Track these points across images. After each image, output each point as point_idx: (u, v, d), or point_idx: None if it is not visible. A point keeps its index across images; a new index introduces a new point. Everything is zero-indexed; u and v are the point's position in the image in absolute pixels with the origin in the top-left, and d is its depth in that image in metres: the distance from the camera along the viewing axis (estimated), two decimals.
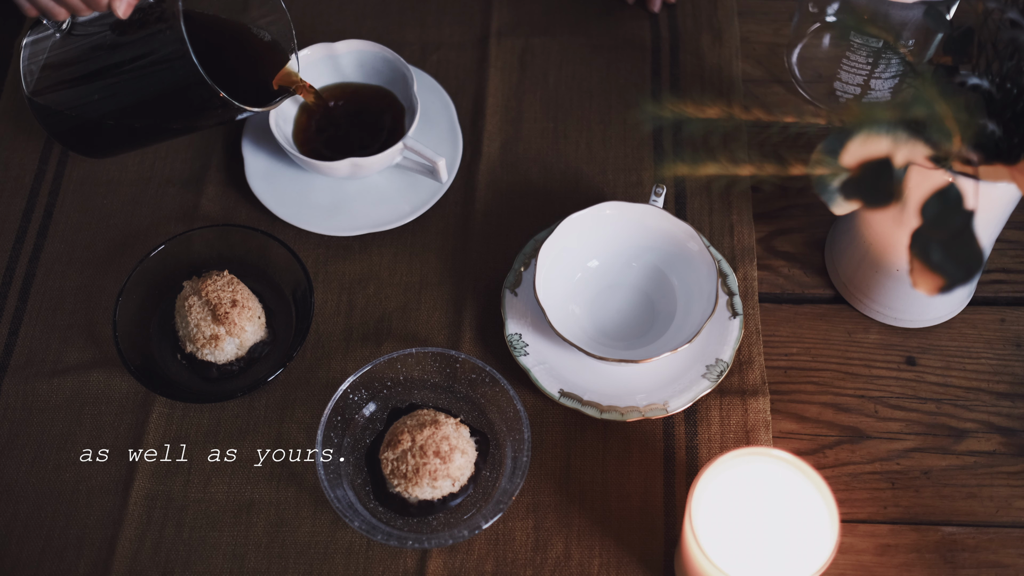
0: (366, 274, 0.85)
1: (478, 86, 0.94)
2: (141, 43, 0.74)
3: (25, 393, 0.81)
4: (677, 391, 0.77)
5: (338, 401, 0.75)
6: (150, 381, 0.77)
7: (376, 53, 0.88)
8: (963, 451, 0.77)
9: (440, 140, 0.89)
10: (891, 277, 0.77)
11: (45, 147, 0.93)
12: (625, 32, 0.97)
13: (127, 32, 0.75)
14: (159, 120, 0.80)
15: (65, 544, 0.75)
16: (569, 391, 0.77)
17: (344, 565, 0.74)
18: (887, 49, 0.69)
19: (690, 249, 0.79)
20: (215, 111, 0.76)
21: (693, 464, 0.77)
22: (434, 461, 0.72)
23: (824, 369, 0.80)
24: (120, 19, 0.74)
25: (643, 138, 0.91)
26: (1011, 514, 0.74)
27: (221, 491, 0.77)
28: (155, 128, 0.81)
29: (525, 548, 0.74)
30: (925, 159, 0.60)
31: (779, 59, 0.95)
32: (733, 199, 0.87)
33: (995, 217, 0.72)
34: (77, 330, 0.84)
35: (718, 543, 0.62)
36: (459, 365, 0.77)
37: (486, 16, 0.99)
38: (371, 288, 0.85)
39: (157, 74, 0.75)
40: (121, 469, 0.78)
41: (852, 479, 0.76)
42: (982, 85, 0.65)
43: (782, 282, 0.84)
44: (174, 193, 0.90)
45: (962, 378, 0.80)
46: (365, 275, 0.85)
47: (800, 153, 0.59)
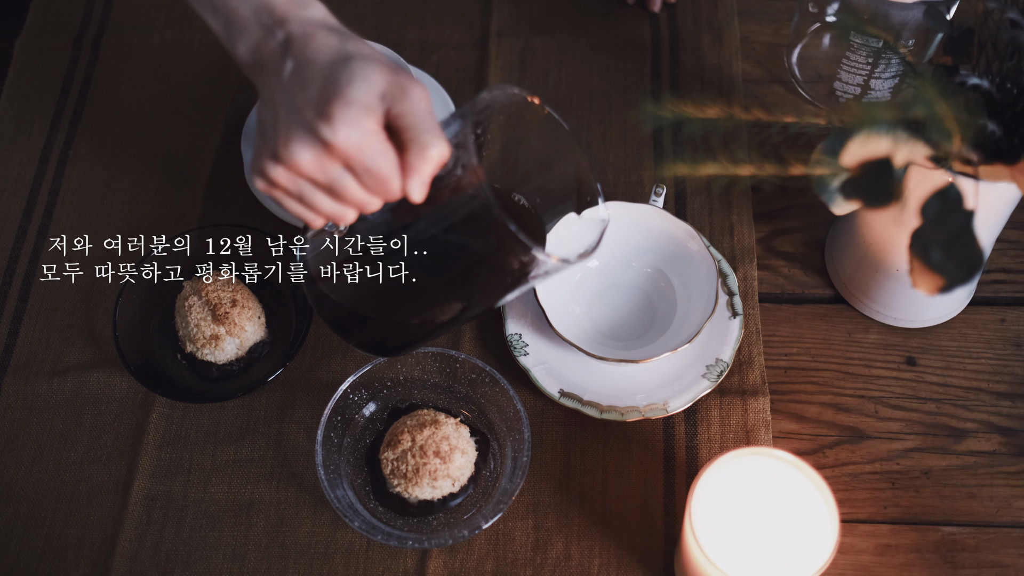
0: None
1: (478, 86, 0.94)
2: (442, 217, 0.60)
3: (25, 393, 0.81)
4: (677, 391, 0.77)
5: (338, 401, 0.75)
6: (150, 381, 0.77)
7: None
8: (963, 451, 0.77)
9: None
10: (891, 277, 0.77)
11: (45, 147, 0.93)
12: (625, 32, 0.97)
13: (411, 210, 0.60)
14: (466, 301, 0.65)
15: (65, 544, 0.75)
16: (569, 391, 0.77)
17: (344, 565, 0.74)
18: (887, 49, 0.69)
19: (690, 249, 0.79)
20: (517, 274, 0.61)
21: (693, 464, 0.77)
22: (434, 461, 0.72)
23: (824, 369, 0.80)
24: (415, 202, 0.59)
25: (643, 138, 0.91)
26: (1011, 514, 0.74)
27: (221, 491, 0.77)
28: (460, 315, 0.66)
29: (525, 548, 0.74)
30: (925, 159, 0.60)
31: (779, 59, 0.95)
32: (733, 199, 0.87)
33: (995, 217, 0.72)
34: (77, 330, 0.84)
35: (718, 543, 0.62)
36: (459, 365, 0.77)
37: (486, 16, 0.99)
38: None
39: (463, 246, 0.61)
40: (121, 469, 0.78)
41: (852, 479, 0.76)
42: (982, 85, 0.65)
43: (782, 282, 0.84)
44: (174, 193, 0.90)
45: (962, 378, 0.80)
46: None
47: (800, 153, 0.59)
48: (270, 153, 0.57)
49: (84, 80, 0.97)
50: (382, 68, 0.56)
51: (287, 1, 0.60)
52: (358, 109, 0.55)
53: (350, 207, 0.59)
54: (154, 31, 0.99)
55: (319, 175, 0.56)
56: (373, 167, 0.56)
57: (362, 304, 0.66)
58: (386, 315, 0.66)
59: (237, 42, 0.61)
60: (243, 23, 0.60)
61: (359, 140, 0.55)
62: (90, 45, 0.99)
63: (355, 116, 0.54)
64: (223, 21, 0.61)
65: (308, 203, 0.59)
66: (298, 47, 0.58)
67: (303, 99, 0.56)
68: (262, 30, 0.59)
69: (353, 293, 0.65)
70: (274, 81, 0.58)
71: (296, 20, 0.59)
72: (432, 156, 0.56)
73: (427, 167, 0.56)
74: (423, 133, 0.56)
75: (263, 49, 0.59)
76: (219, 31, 0.62)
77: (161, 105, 0.95)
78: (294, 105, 0.56)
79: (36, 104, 0.95)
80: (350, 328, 0.68)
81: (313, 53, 0.57)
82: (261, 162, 0.58)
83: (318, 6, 0.61)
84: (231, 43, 0.61)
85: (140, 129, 0.94)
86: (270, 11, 0.59)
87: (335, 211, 0.59)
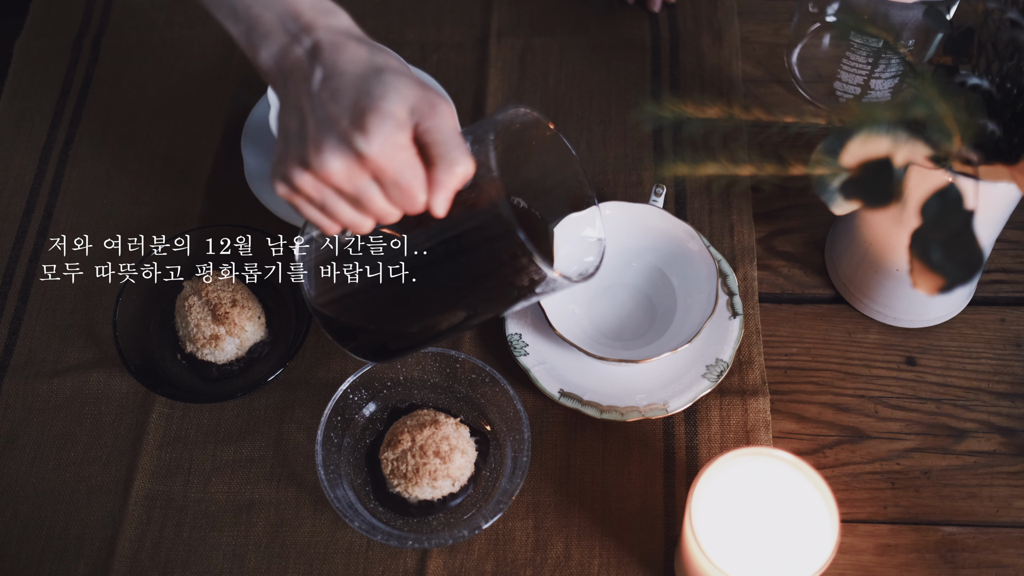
0: None
1: (478, 86, 0.94)
2: (458, 231, 0.61)
3: (25, 393, 0.81)
4: (677, 391, 0.77)
5: (338, 401, 0.75)
6: (150, 381, 0.78)
7: None
8: (963, 451, 0.77)
9: None
10: (891, 277, 0.77)
11: (45, 147, 0.93)
12: (625, 32, 0.97)
13: (421, 220, 0.61)
14: (468, 312, 0.66)
15: (65, 544, 0.75)
16: (569, 391, 0.77)
17: (344, 565, 0.74)
18: (887, 49, 0.69)
19: (690, 249, 0.79)
20: (525, 290, 0.62)
21: (693, 464, 0.77)
22: (434, 461, 0.72)
23: (824, 369, 0.80)
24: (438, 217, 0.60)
25: (643, 138, 0.91)
26: (1011, 514, 0.74)
27: (221, 491, 0.77)
28: (463, 323, 0.67)
29: (525, 548, 0.74)
30: (925, 159, 0.60)
31: (779, 59, 0.95)
32: (733, 199, 0.87)
33: (995, 217, 0.72)
34: (77, 330, 0.84)
35: (718, 543, 0.62)
36: (459, 365, 0.77)
37: (486, 16, 0.99)
38: None
39: (473, 259, 0.62)
40: (121, 469, 0.78)
41: (852, 479, 0.76)
42: (982, 85, 0.65)
43: (782, 282, 0.84)
44: (174, 193, 0.90)
45: (962, 378, 0.80)
46: None
47: (800, 153, 0.59)
48: (299, 160, 0.57)
49: (84, 80, 0.97)
50: (412, 83, 0.57)
51: (314, 8, 0.60)
52: (392, 123, 0.55)
53: (370, 217, 0.59)
54: (154, 31, 0.99)
55: (347, 185, 0.57)
56: (402, 180, 0.56)
57: (362, 310, 0.66)
58: (384, 322, 0.67)
59: (259, 48, 0.60)
60: (267, 29, 0.60)
61: (392, 153, 0.55)
62: (90, 45, 0.99)
63: (390, 130, 0.55)
64: (245, 26, 0.61)
65: (329, 211, 0.59)
66: (327, 56, 0.58)
67: (336, 109, 0.56)
68: (288, 37, 0.59)
69: (354, 299, 0.66)
70: (302, 89, 0.58)
71: (324, 28, 0.59)
72: (459, 173, 0.57)
73: (453, 183, 0.57)
74: (451, 150, 0.57)
75: (288, 56, 0.59)
76: (239, 36, 0.62)
77: (161, 105, 0.95)
78: (326, 115, 0.56)
79: (36, 104, 0.95)
80: (347, 333, 0.68)
81: (344, 64, 0.57)
82: (287, 168, 0.58)
83: (343, 15, 0.61)
84: (252, 49, 0.61)
85: (140, 129, 0.94)
86: (296, 18, 0.59)
87: (354, 220, 0.59)
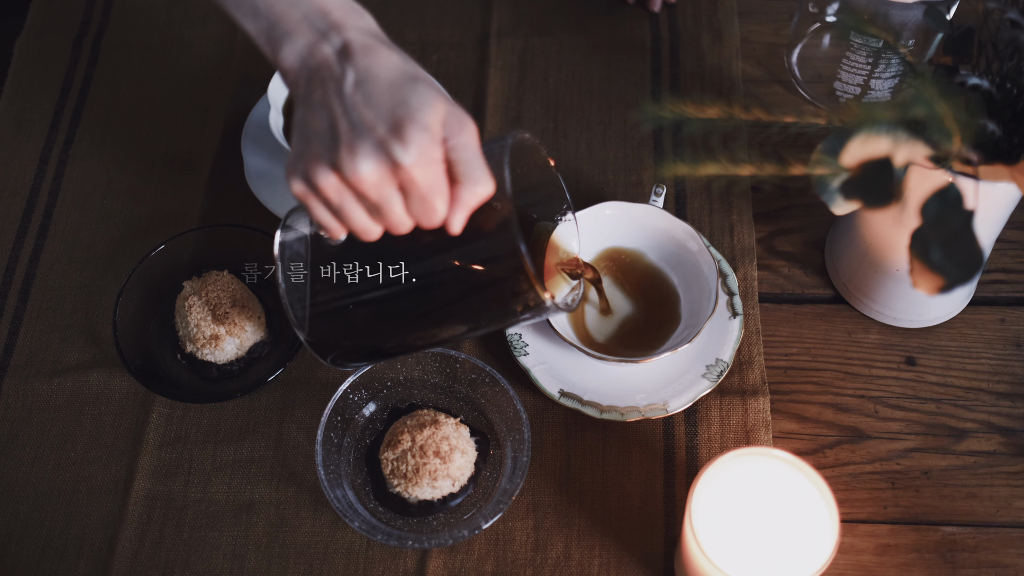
0: None
1: (478, 86, 0.94)
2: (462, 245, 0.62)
3: (25, 393, 0.81)
4: (677, 391, 0.77)
5: (338, 401, 0.75)
6: (150, 381, 0.78)
7: None
8: (963, 451, 0.77)
9: None
10: (891, 277, 0.77)
11: (45, 147, 0.93)
12: (625, 32, 0.97)
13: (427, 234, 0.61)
14: (465, 325, 0.68)
15: (65, 544, 0.75)
16: (569, 391, 0.77)
17: (344, 565, 0.74)
18: (887, 49, 0.69)
19: (690, 249, 0.79)
20: (520, 314, 0.65)
21: (693, 464, 0.77)
22: (434, 461, 0.72)
23: (824, 369, 0.80)
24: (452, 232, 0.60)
25: (643, 138, 0.91)
26: (1011, 514, 0.74)
27: (221, 491, 0.77)
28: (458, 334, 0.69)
29: (525, 548, 0.74)
30: (925, 159, 0.60)
31: (779, 59, 0.95)
32: (733, 199, 0.87)
33: (995, 217, 0.72)
34: (77, 330, 0.84)
35: (718, 543, 0.62)
36: (459, 365, 0.77)
37: (486, 16, 0.99)
38: None
39: (472, 278, 0.63)
40: (121, 469, 0.78)
41: (852, 479, 0.76)
42: (982, 85, 0.65)
43: (782, 282, 0.84)
44: (174, 194, 0.90)
45: (962, 378, 0.80)
46: None
47: (800, 153, 0.59)
48: (327, 160, 0.57)
49: (84, 80, 0.97)
50: (443, 97, 0.57)
51: (343, 8, 0.59)
52: (429, 136, 0.55)
53: (383, 226, 0.59)
54: (154, 31, 0.99)
55: (372, 192, 0.56)
56: (429, 195, 0.56)
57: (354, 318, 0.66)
58: (375, 331, 0.67)
59: (282, 44, 0.59)
60: (291, 26, 0.59)
61: (425, 166, 0.56)
62: (90, 45, 0.99)
63: (427, 143, 0.55)
64: (266, 23, 0.60)
65: (344, 215, 0.58)
66: (360, 59, 0.57)
67: (371, 115, 0.55)
68: (315, 34, 0.59)
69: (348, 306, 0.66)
70: (331, 89, 0.57)
71: (354, 28, 0.58)
72: (481, 193, 0.58)
73: (474, 202, 0.58)
74: (476, 169, 0.57)
75: (315, 54, 0.58)
76: (258, 34, 0.61)
77: (161, 105, 0.95)
78: (360, 119, 0.56)
79: (36, 104, 0.95)
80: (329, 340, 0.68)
81: (378, 68, 0.57)
82: (309, 166, 0.57)
83: (369, 16, 0.61)
84: (273, 45, 0.60)
85: (140, 129, 0.94)
86: (325, 15, 0.59)
87: (366, 227, 0.59)
